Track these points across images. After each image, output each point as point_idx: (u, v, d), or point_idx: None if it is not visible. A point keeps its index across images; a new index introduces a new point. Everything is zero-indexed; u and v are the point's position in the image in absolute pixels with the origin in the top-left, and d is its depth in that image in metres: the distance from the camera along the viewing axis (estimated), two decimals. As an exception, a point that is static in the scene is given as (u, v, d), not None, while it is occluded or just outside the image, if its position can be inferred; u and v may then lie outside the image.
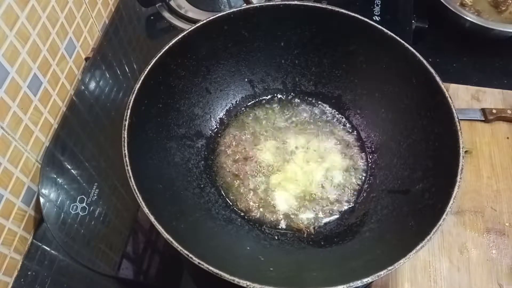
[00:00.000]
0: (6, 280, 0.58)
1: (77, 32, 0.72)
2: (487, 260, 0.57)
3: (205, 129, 0.63)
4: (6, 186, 0.57)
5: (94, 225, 0.59)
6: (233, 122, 0.65)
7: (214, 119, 0.64)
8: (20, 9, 0.57)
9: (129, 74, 0.74)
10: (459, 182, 0.45)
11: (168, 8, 0.81)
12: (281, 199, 0.58)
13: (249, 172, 0.60)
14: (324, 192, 0.59)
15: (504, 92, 0.72)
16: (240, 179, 0.60)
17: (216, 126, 0.64)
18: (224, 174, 0.60)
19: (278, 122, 0.65)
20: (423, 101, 0.55)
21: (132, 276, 0.57)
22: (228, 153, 0.62)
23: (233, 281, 0.40)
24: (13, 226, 0.59)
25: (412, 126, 0.57)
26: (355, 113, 0.64)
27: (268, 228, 0.56)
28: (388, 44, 0.56)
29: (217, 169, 0.61)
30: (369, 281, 0.41)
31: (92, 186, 0.62)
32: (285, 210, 0.57)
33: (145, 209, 0.44)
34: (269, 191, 0.59)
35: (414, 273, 0.56)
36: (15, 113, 0.58)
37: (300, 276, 0.49)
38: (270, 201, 0.58)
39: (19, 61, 0.58)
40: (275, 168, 0.61)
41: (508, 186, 0.63)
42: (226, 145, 0.63)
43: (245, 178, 0.60)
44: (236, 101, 0.66)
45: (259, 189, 0.59)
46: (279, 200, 0.58)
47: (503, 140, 0.67)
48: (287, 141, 0.63)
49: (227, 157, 0.62)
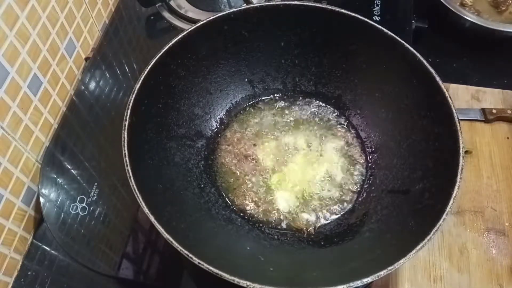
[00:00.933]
0: (6, 280, 0.58)
1: (77, 32, 0.72)
2: (487, 260, 0.57)
3: (205, 129, 0.63)
4: (6, 186, 0.57)
5: (94, 225, 0.59)
6: (233, 122, 0.65)
7: (214, 119, 0.64)
8: (20, 9, 0.57)
9: (129, 74, 0.74)
10: (459, 182, 0.45)
11: (168, 8, 0.81)
12: (281, 199, 0.58)
13: (249, 172, 0.60)
14: (324, 192, 0.59)
15: (504, 92, 0.72)
16: (240, 179, 0.60)
17: (216, 126, 0.64)
18: (224, 174, 0.60)
19: (278, 122, 0.65)
20: (423, 101, 0.55)
21: (132, 276, 0.57)
22: (228, 153, 0.62)
23: (233, 281, 0.40)
24: (13, 226, 0.59)
25: (412, 126, 0.57)
26: (355, 113, 0.64)
27: (268, 228, 0.56)
28: (388, 44, 0.56)
29: (217, 169, 0.61)
30: (369, 281, 0.41)
31: (92, 186, 0.62)
32: (285, 210, 0.57)
33: (145, 209, 0.44)
34: (269, 191, 0.59)
35: (414, 273, 0.56)
36: (15, 113, 0.58)
37: (300, 276, 0.49)
38: (270, 201, 0.58)
39: (19, 61, 0.58)
40: (275, 168, 0.60)
41: (508, 186, 0.63)
42: (226, 145, 0.63)
43: (245, 178, 0.60)
44: (236, 101, 0.66)
45: (259, 189, 0.59)
46: (279, 200, 0.58)
47: (503, 140, 0.67)
48: (287, 141, 0.63)
49: (227, 157, 0.62)
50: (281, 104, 0.67)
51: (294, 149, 0.62)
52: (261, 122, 0.65)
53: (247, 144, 0.63)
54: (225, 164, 0.61)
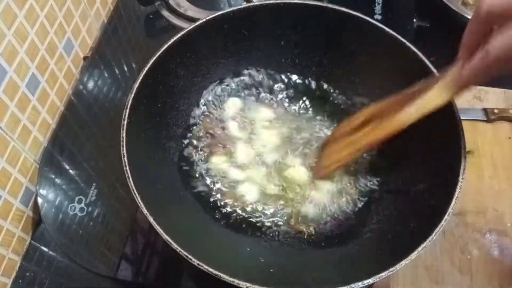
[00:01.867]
0: (4, 281, 0.58)
1: (76, 31, 0.72)
2: (489, 261, 0.57)
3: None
4: (4, 186, 0.57)
5: (93, 225, 0.58)
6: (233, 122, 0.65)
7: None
8: (18, 8, 0.56)
9: (127, 74, 0.74)
10: (461, 183, 0.45)
11: (167, 7, 0.81)
12: (282, 199, 0.58)
13: (249, 172, 0.60)
14: (325, 193, 0.58)
15: (506, 92, 0.71)
16: (241, 179, 0.59)
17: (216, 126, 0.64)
18: (224, 174, 0.60)
19: (279, 122, 0.64)
20: (424, 100, 0.54)
21: (131, 277, 0.56)
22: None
23: (233, 282, 0.40)
24: (11, 226, 0.58)
25: (413, 126, 0.56)
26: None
27: (268, 229, 0.56)
28: (389, 43, 0.55)
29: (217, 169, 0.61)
30: (370, 282, 0.41)
31: (91, 186, 0.61)
32: (286, 211, 0.57)
33: (144, 210, 0.44)
34: (270, 191, 0.58)
35: (416, 274, 0.56)
36: (13, 112, 0.58)
37: (300, 277, 0.48)
38: (271, 201, 0.58)
39: (17, 60, 0.57)
40: (276, 168, 0.60)
41: (510, 186, 0.62)
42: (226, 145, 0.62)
43: (245, 178, 0.60)
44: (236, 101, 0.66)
45: (260, 189, 0.59)
46: (280, 200, 0.58)
47: (505, 140, 0.66)
48: (288, 141, 0.63)
49: (227, 157, 0.61)
50: (281, 103, 0.66)
51: (294, 149, 0.62)
52: (262, 122, 0.64)
53: (247, 144, 0.62)
54: (225, 164, 0.61)
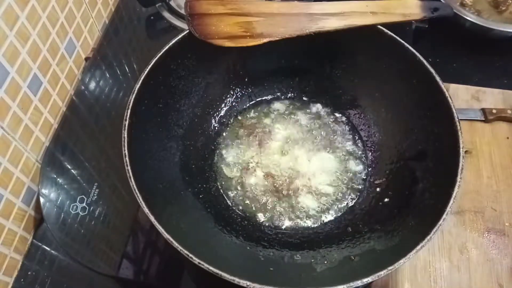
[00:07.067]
0: (6, 280, 0.58)
1: (77, 32, 0.72)
2: (487, 260, 0.57)
3: (205, 129, 0.63)
4: (6, 186, 0.57)
5: (94, 225, 0.59)
6: (233, 122, 0.65)
7: (214, 119, 0.64)
8: (20, 9, 0.57)
9: (129, 74, 0.74)
10: (459, 182, 0.46)
11: (168, 8, 0.81)
12: (281, 199, 0.58)
13: (248, 172, 0.60)
14: (325, 192, 0.59)
15: (504, 92, 0.72)
16: (240, 179, 0.60)
17: (216, 126, 0.64)
18: (224, 174, 0.60)
19: (279, 122, 0.65)
20: (423, 101, 0.55)
21: (132, 276, 0.57)
22: (228, 153, 0.62)
23: (233, 281, 0.40)
24: (13, 226, 0.59)
25: (412, 126, 0.57)
26: (355, 113, 0.64)
27: (268, 228, 0.56)
28: (388, 44, 0.56)
29: (216, 169, 0.61)
30: (369, 281, 0.41)
31: (92, 186, 0.62)
32: (285, 210, 0.57)
33: (145, 209, 0.44)
34: (269, 191, 0.59)
35: (414, 273, 0.56)
36: (15, 113, 0.58)
37: (300, 276, 0.49)
38: (270, 201, 0.58)
39: (19, 61, 0.58)
40: (274, 168, 0.60)
41: (508, 186, 0.63)
42: (226, 145, 0.63)
43: (244, 178, 0.60)
44: (236, 101, 0.66)
45: (259, 189, 0.59)
46: (279, 200, 0.58)
47: (503, 140, 0.67)
48: (287, 140, 0.63)
49: (227, 157, 0.62)
50: (281, 103, 0.67)
51: (294, 149, 0.62)
52: (262, 122, 0.65)
53: (246, 144, 0.63)
54: (225, 164, 0.61)
